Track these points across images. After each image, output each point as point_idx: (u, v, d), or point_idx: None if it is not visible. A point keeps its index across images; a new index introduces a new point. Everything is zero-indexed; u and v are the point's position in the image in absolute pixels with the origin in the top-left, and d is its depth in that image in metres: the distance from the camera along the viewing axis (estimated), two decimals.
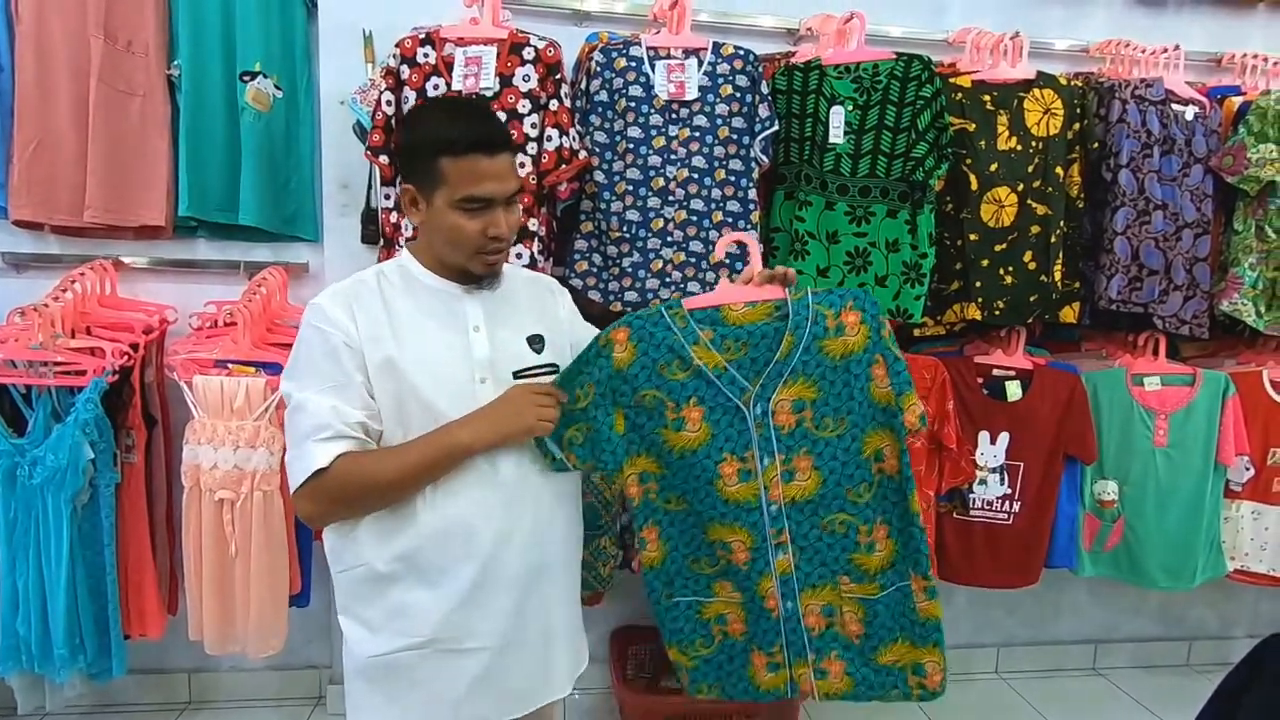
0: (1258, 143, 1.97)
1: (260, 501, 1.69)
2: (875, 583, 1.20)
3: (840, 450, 1.17)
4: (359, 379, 1.08)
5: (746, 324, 1.15)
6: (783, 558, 1.19)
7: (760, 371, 1.14)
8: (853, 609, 1.21)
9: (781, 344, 1.13)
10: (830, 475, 1.17)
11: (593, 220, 1.84)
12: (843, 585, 1.20)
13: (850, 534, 1.19)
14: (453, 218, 1.08)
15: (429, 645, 1.12)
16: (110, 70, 1.84)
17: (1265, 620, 2.65)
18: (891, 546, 1.20)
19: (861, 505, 1.18)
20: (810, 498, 1.17)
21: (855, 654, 1.22)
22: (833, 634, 1.21)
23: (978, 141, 1.88)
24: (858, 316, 1.14)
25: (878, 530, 1.19)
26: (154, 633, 1.79)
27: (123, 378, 1.71)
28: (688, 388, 1.15)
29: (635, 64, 1.81)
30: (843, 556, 1.20)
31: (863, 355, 1.14)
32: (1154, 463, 2.04)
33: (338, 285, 1.14)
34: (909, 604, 1.20)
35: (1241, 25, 2.29)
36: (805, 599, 1.20)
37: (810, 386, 1.14)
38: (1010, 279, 1.90)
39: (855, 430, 1.16)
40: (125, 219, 1.91)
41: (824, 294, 1.16)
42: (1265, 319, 2.05)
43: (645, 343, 1.16)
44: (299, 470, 1.06)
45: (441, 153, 1.06)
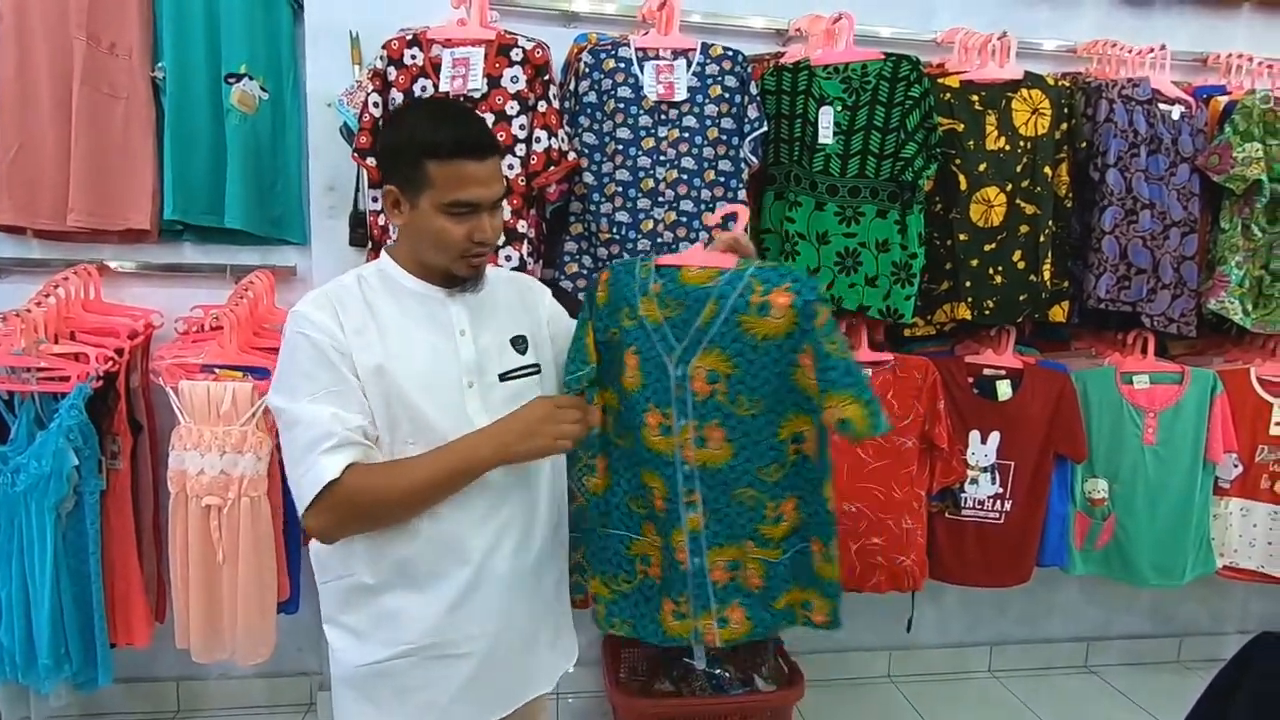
0: (1243, 142, 1.98)
1: (247, 507, 1.67)
2: (779, 549, 1.22)
3: (754, 429, 1.15)
4: (354, 382, 1.06)
5: (690, 285, 1.14)
6: (693, 515, 1.21)
7: (685, 334, 1.14)
8: (756, 566, 1.23)
9: (704, 309, 1.11)
10: (741, 451, 1.17)
11: (582, 222, 1.83)
12: (748, 548, 1.22)
13: (758, 508, 1.20)
14: (438, 221, 1.07)
15: (418, 652, 1.11)
16: (93, 73, 1.82)
17: (1255, 616, 2.67)
18: (798, 517, 1.21)
19: (770, 484, 1.18)
20: (720, 467, 1.17)
21: (755, 601, 1.25)
22: (736, 585, 1.24)
23: (966, 142, 1.88)
24: (788, 300, 1.09)
25: (785, 505, 1.20)
26: (140, 641, 1.77)
27: (107, 383, 1.69)
28: (630, 334, 1.18)
29: (624, 65, 1.80)
30: (749, 526, 1.21)
31: (785, 341, 1.11)
32: (1144, 461, 2.05)
33: (318, 291, 1.12)
34: (807, 563, 1.23)
35: (1226, 25, 2.31)
36: (712, 555, 1.22)
37: (725, 360, 1.12)
38: (1000, 278, 1.91)
39: (771, 414, 1.15)
40: (109, 223, 1.89)
41: (768, 269, 1.12)
42: (1252, 317, 2.06)
43: (614, 286, 1.20)
44: (308, 485, 1.02)
45: (427, 155, 1.04)
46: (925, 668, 2.48)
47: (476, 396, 1.13)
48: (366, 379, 1.07)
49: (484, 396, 1.14)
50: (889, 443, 1.91)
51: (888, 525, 1.91)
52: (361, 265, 1.18)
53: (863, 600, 2.17)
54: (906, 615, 2.11)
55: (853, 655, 2.44)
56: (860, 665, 2.45)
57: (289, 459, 1.07)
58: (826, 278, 1.85)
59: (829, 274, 1.85)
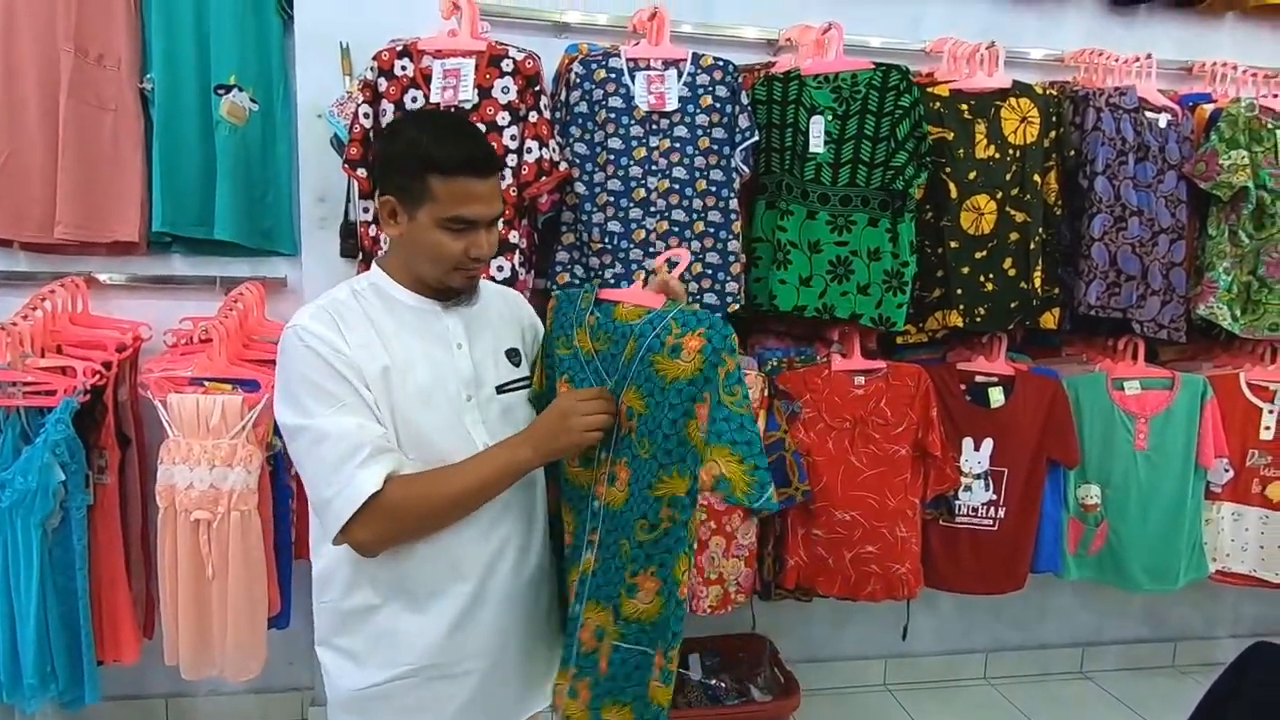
0: (1229, 149, 2.00)
1: (238, 521, 1.65)
2: (619, 628, 1.08)
3: (640, 476, 1.07)
4: (368, 394, 1.04)
5: (619, 320, 1.12)
6: (589, 556, 1.13)
7: (613, 370, 1.12)
8: (607, 644, 1.10)
9: (627, 347, 1.09)
10: (631, 497, 1.09)
11: (574, 232, 1.83)
12: (608, 615, 1.11)
13: (623, 568, 1.08)
14: (436, 235, 1.06)
15: (419, 673, 1.10)
16: (81, 84, 1.81)
17: (1248, 621, 2.68)
18: (656, 605, 1.06)
19: (637, 544, 1.06)
20: (618, 509, 1.11)
21: (600, 690, 1.11)
22: (594, 660, 1.11)
23: (956, 150, 1.90)
24: (699, 345, 1.02)
25: (645, 579, 1.06)
26: (129, 658, 1.75)
27: (95, 397, 1.67)
28: (565, 362, 1.16)
29: (615, 75, 1.81)
30: (616, 587, 1.09)
31: (688, 387, 1.03)
32: (1135, 466, 2.06)
33: (314, 305, 1.09)
34: (645, 675, 1.07)
35: (1211, 34, 2.33)
36: (588, 609, 1.12)
37: (640, 399, 1.07)
38: (991, 286, 1.92)
39: (653, 464, 1.05)
40: (97, 235, 1.87)
41: (688, 313, 1.07)
42: (1241, 322, 2.07)
43: (558, 313, 1.19)
44: (346, 499, 1.00)
45: (430, 170, 1.03)
46: (921, 675, 2.48)
47: (475, 410, 1.13)
48: (376, 390, 1.05)
49: (482, 409, 1.13)
50: (882, 451, 1.92)
51: (882, 533, 1.91)
52: (352, 278, 1.16)
53: (858, 609, 2.17)
54: (902, 623, 2.10)
55: (848, 664, 2.43)
56: (856, 674, 2.44)
57: (317, 476, 1.03)
58: (819, 286, 1.85)
59: (821, 282, 1.85)
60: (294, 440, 1.05)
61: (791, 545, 1.93)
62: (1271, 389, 2.10)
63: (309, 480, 1.05)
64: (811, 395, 1.91)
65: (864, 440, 1.91)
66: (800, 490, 1.84)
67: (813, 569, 1.93)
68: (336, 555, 1.09)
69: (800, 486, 1.84)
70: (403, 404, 1.07)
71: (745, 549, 1.91)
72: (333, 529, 1.03)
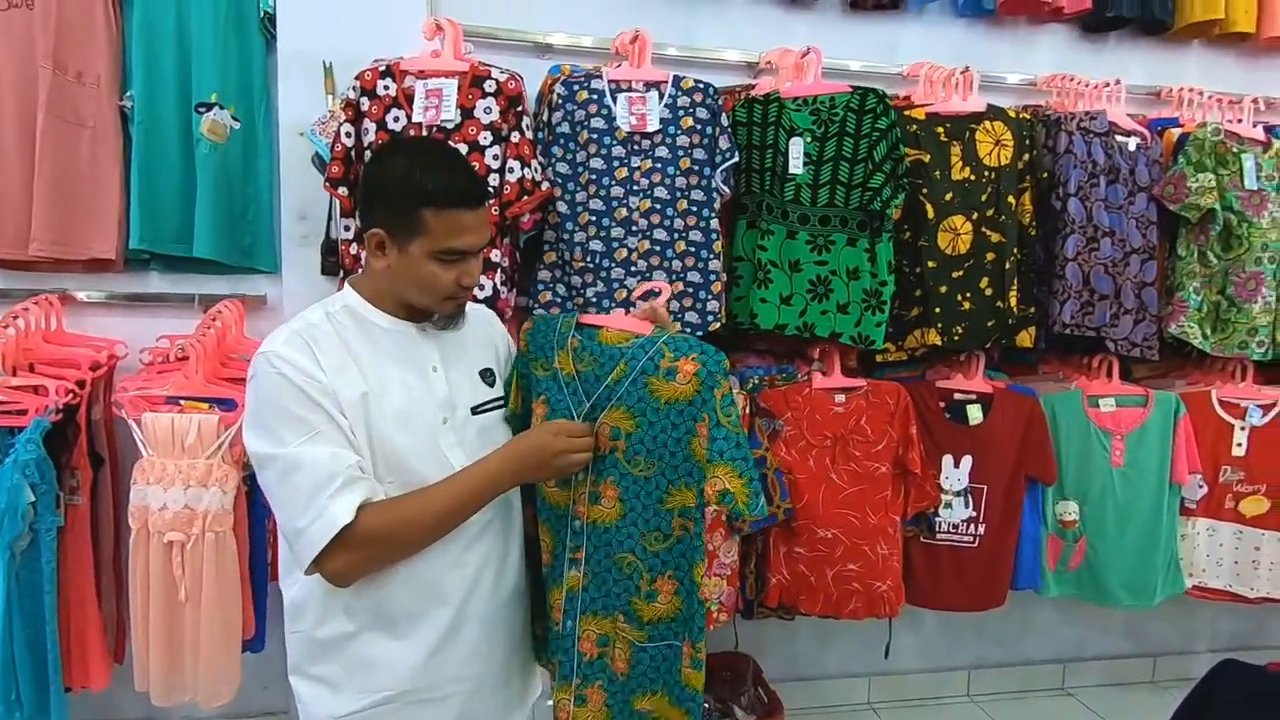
0: (1196, 172, 2.05)
1: (212, 543, 1.63)
2: (645, 631, 1.15)
3: (644, 493, 1.13)
4: (343, 421, 1.03)
5: (605, 344, 1.16)
6: (574, 574, 1.18)
7: (595, 391, 1.15)
8: (623, 648, 1.16)
9: (615, 369, 1.13)
10: (630, 512, 1.14)
11: (556, 250, 1.84)
12: (618, 622, 1.16)
13: (635, 577, 1.15)
14: (429, 267, 1.06)
15: (398, 699, 1.09)
16: (59, 101, 1.80)
17: (1224, 635, 2.71)
18: (675, 604, 1.15)
19: (650, 554, 1.14)
20: (609, 526, 1.15)
21: (618, 689, 1.17)
22: (602, 663, 1.17)
23: (933, 172, 1.93)
24: (695, 369, 1.09)
25: (663, 582, 1.14)
26: (98, 684, 1.71)
27: (68, 416, 1.64)
28: (542, 384, 1.19)
29: (597, 96, 1.83)
30: (624, 596, 1.15)
31: (687, 408, 1.10)
32: (1112, 482, 2.08)
33: (287, 329, 1.08)
34: (676, 664, 1.15)
35: (1178, 60, 2.40)
36: (584, 622, 1.17)
37: (629, 418, 1.12)
38: (968, 305, 1.94)
39: (661, 479, 1.12)
40: (73, 252, 1.86)
41: (679, 339, 1.13)
42: (1211, 341, 2.12)
43: (534, 335, 1.22)
44: (318, 531, 0.98)
45: (424, 204, 1.03)
46: (905, 693, 2.47)
47: (451, 432, 1.12)
48: (353, 416, 1.04)
49: (458, 431, 1.13)
50: (863, 468, 1.93)
51: (863, 551, 1.92)
52: (325, 299, 1.15)
53: (840, 627, 2.17)
54: (884, 641, 2.10)
55: (832, 683, 2.42)
56: (840, 693, 2.43)
57: (289, 507, 1.01)
58: (799, 305, 1.87)
59: (801, 301, 1.87)
60: (264, 469, 1.03)
61: (774, 563, 1.93)
62: (1242, 406, 2.14)
63: (280, 510, 1.03)
64: (793, 413, 1.92)
65: (845, 458, 1.93)
66: (782, 508, 1.84)
67: (795, 587, 1.93)
68: (309, 583, 1.07)
69: (782, 504, 1.84)
70: (379, 428, 1.06)
71: (727, 567, 1.91)
72: (305, 559, 1.01)
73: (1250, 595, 2.16)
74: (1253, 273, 2.09)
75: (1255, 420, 2.13)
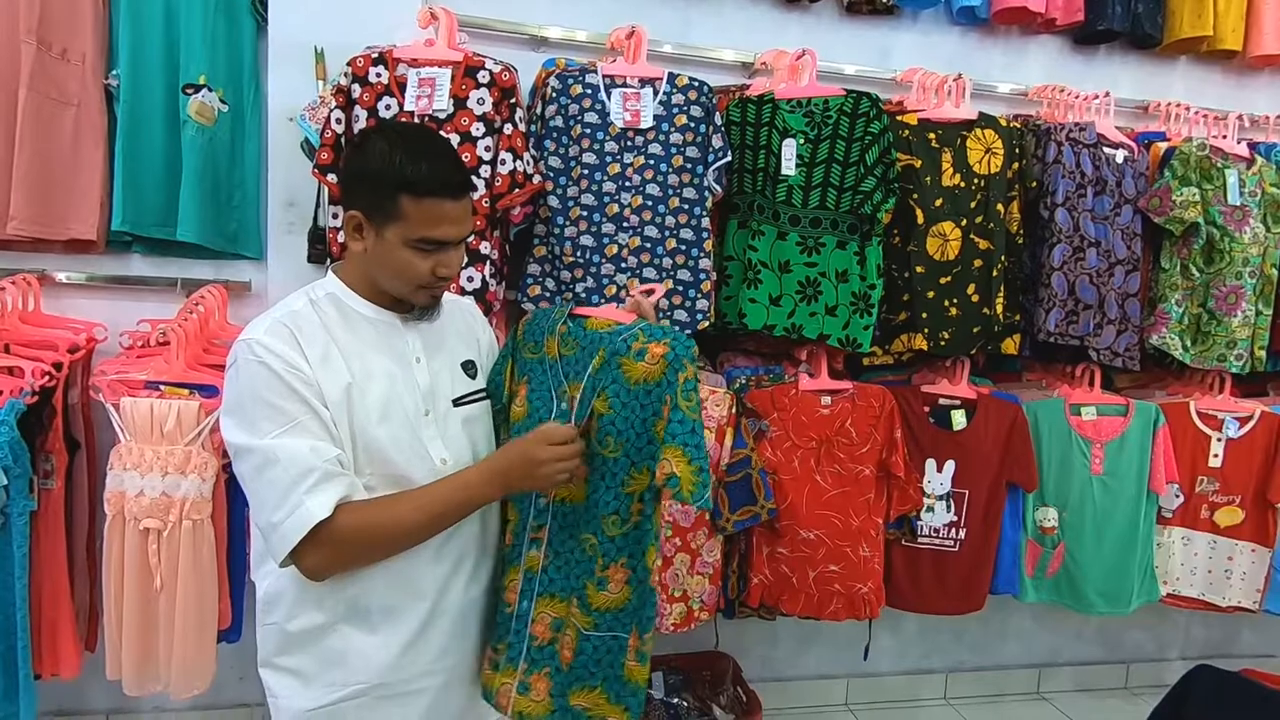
0: (1181, 186, 2.08)
1: (189, 531, 1.60)
2: (592, 618, 1.13)
3: (608, 474, 1.13)
4: (325, 413, 1.01)
5: (590, 331, 1.18)
6: (534, 554, 1.17)
7: (580, 378, 1.16)
8: (571, 635, 1.15)
9: (596, 356, 1.14)
10: (594, 493, 1.14)
11: (546, 245, 1.83)
12: (572, 606, 1.15)
13: (591, 560, 1.14)
14: (404, 254, 1.04)
15: (370, 692, 1.08)
16: (42, 78, 1.77)
17: (1197, 643, 2.75)
18: (625, 594, 1.13)
19: (607, 538, 1.12)
20: (575, 506, 1.15)
21: (561, 680, 1.15)
22: (552, 650, 1.15)
23: (923, 177, 1.94)
24: (663, 351, 1.10)
25: (615, 570, 1.13)
26: (68, 672, 1.67)
27: (43, 399, 1.61)
28: (528, 365, 1.22)
29: (591, 91, 1.82)
30: (580, 579, 1.14)
31: (655, 389, 1.10)
32: (1091, 490, 2.10)
33: (269, 316, 1.06)
34: (619, 658, 1.13)
35: (1165, 75, 2.44)
36: (541, 604, 1.16)
37: (604, 401, 1.13)
38: (954, 310, 1.96)
39: (625, 460, 1.11)
40: (53, 232, 1.82)
41: (655, 327, 1.15)
42: (1191, 352, 2.15)
43: (531, 324, 1.25)
44: (294, 525, 0.97)
45: (403, 190, 1.01)
46: (882, 695, 2.49)
47: (433, 424, 1.12)
48: (336, 407, 1.02)
49: (439, 424, 1.12)
50: (847, 471, 1.94)
51: (845, 553, 1.92)
52: (308, 286, 1.13)
53: (820, 628, 2.18)
54: (863, 643, 2.11)
55: (810, 683, 2.43)
56: (818, 693, 2.44)
57: (264, 501, 0.99)
58: (789, 306, 1.87)
59: (790, 302, 1.87)
60: (241, 460, 1.01)
61: (756, 563, 1.93)
62: (1220, 418, 2.17)
63: (256, 502, 1.02)
64: (779, 414, 1.93)
65: (829, 460, 1.93)
66: (766, 508, 1.85)
67: (777, 587, 1.93)
68: (282, 575, 1.06)
69: (766, 504, 1.85)
70: (361, 420, 1.05)
71: (710, 566, 1.91)
72: (279, 553, 1.00)
73: (1222, 604, 2.20)
74: (1233, 286, 2.12)
75: (1232, 432, 2.17)
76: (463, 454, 1.14)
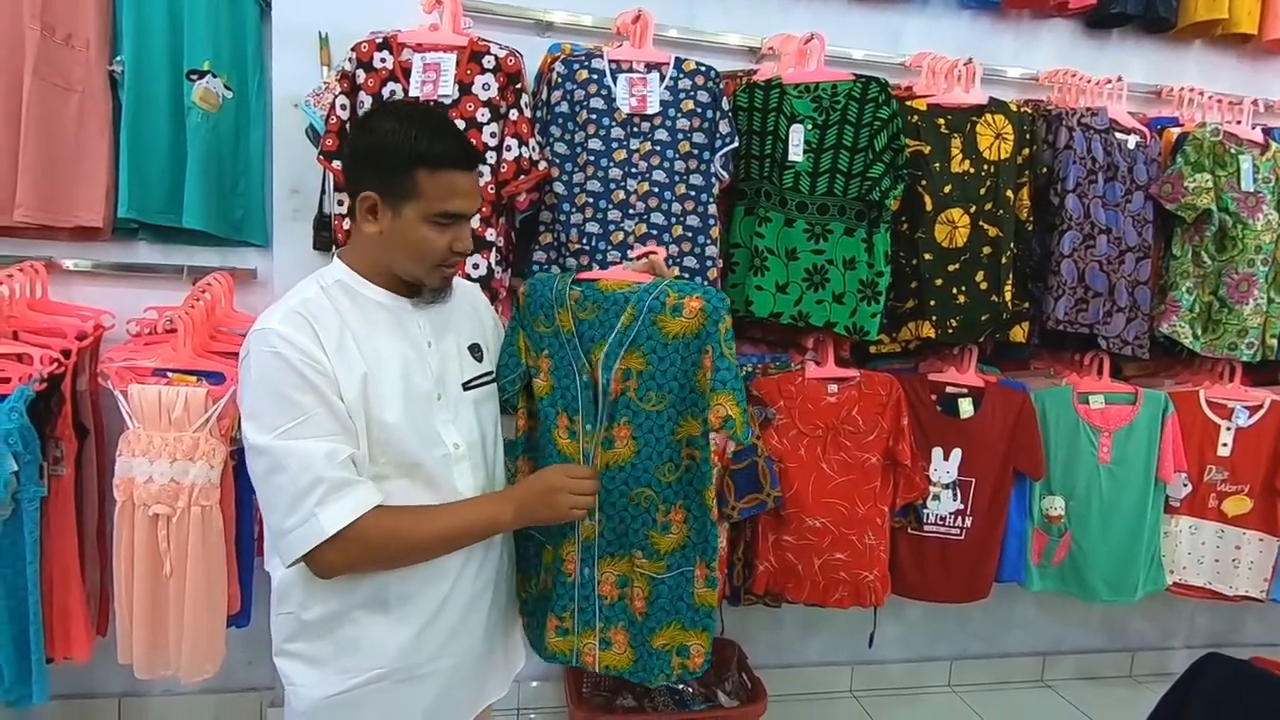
0: (1194, 172, 2.06)
1: (198, 517, 1.61)
2: (663, 562, 1.22)
3: (656, 426, 1.19)
4: (339, 406, 1.00)
5: (608, 291, 1.22)
6: (588, 524, 1.23)
7: (605, 337, 1.20)
8: (641, 585, 1.23)
9: (624, 314, 1.18)
10: (644, 448, 1.20)
11: (552, 231, 1.82)
12: (636, 559, 1.22)
13: (651, 510, 1.21)
14: (422, 231, 1.04)
15: (387, 677, 1.09)
16: (46, 64, 1.76)
17: (1202, 632, 2.75)
18: (685, 532, 1.22)
19: (664, 485, 1.20)
20: (624, 465, 1.21)
21: (638, 629, 1.24)
22: (623, 605, 1.24)
23: (932, 163, 1.92)
24: (700, 305, 1.17)
25: (675, 513, 1.21)
26: (80, 656, 1.69)
27: (52, 386, 1.62)
28: (544, 340, 1.24)
29: (597, 76, 1.80)
30: (641, 530, 1.22)
31: (694, 340, 1.17)
32: (1098, 479, 2.10)
33: (283, 305, 1.05)
34: (689, 589, 1.22)
35: (1179, 59, 2.40)
36: (603, 567, 1.23)
37: (641, 358, 1.18)
38: (963, 298, 1.94)
39: (672, 411, 1.19)
40: (59, 219, 1.82)
41: (681, 283, 1.21)
42: (1201, 341, 2.13)
43: (533, 295, 1.27)
44: (302, 537, 0.97)
45: (419, 165, 1.02)
46: (886, 682, 2.50)
47: (445, 408, 1.12)
48: (351, 399, 1.02)
49: (451, 408, 1.13)
50: (853, 459, 1.93)
51: (851, 541, 1.92)
52: (316, 272, 1.12)
53: (826, 615, 2.18)
54: (868, 630, 2.12)
55: (815, 670, 2.45)
56: (823, 680, 2.45)
57: (274, 505, 0.99)
58: (795, 294, 1.86)
59: (797, 290, 1.86)
60: (252, 459, 1.01)
61: (762, 551, 1.94)
62: (1229, 407, 2.16)
63: (266, 505, 1.02)
64: (785, 402, 1.92)
65: (835, 447, 1.93)
66: (772, 496, 1.85)
67: (782, 575, 1.94)
68: (296, 566, 1.06)
69: (772, 492, 1.85)
70: (375, 408, 1.04)
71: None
72: (287, 559, 1.01)
73: (1229, 593, 2.19)
74: (1245, 274, 2.10)
75: (1241, 421, 2.15)
76: (473, 437, 1.15)
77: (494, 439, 1.21)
